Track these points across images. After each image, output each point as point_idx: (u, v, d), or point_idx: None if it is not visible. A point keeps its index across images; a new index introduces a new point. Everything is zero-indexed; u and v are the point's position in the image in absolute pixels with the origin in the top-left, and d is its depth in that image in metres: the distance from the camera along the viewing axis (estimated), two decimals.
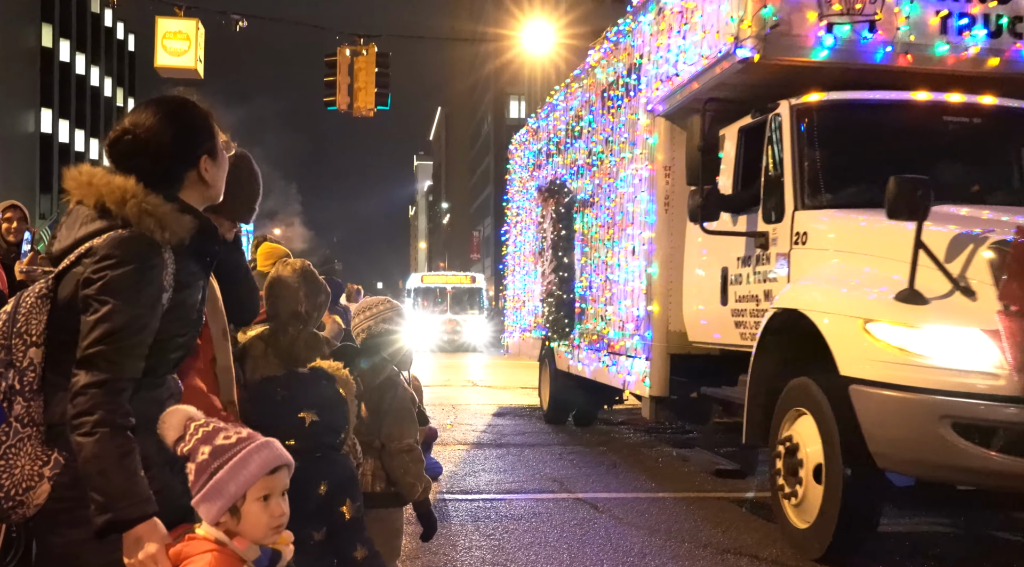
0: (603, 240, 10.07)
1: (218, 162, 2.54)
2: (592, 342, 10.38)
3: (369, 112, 19.22)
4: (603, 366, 9.90)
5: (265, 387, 3.20)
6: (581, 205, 11.00)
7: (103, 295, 2.23)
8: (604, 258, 10.01)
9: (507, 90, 72.34)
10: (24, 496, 2.24)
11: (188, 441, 2.22)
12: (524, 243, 14.37)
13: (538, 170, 13.66)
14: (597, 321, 10.20)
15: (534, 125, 14.36)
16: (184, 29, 18.18)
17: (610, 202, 9.81)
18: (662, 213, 8.38)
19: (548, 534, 6.47)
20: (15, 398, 2.28)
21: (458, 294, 37.12)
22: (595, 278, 10.43)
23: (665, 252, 8.34)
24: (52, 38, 65.52)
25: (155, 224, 2.31)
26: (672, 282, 8.27)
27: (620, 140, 9.52)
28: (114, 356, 2.21)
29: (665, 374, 8.30)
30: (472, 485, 8.25)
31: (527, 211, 14.21)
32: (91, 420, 2.16)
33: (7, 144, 58.56)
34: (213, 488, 2.17)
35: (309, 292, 3.61)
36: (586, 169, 10.90)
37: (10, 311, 2.35)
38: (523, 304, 14.33)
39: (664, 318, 8.32)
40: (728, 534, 6.50)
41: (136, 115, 2.45)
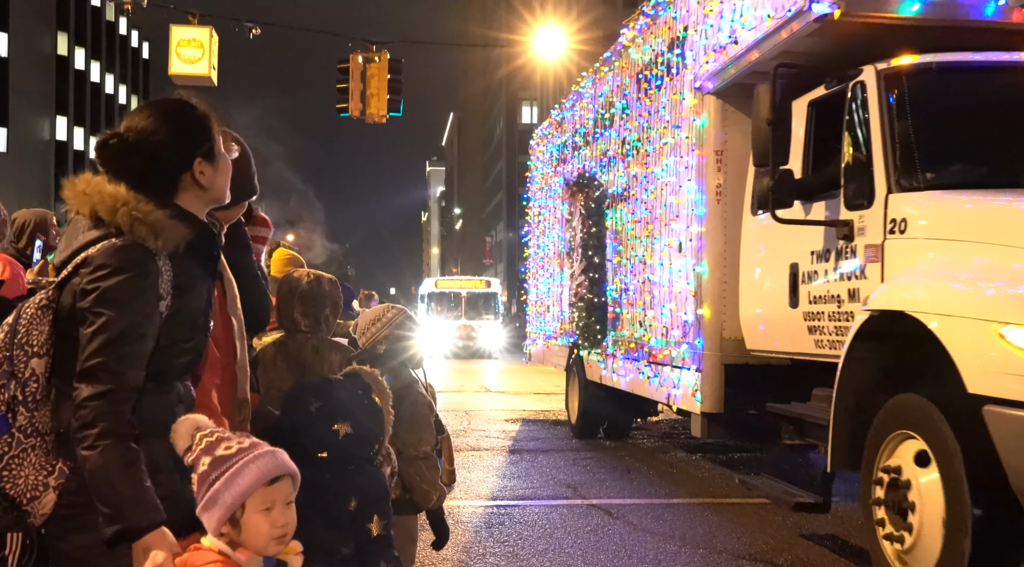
0: (641, 237, 9.01)
1: (217, 165, 2.47)
2: (629, 351, 9.34)
3: (382, 118, 18.96)
4: (643, 378, 8.83)
5: (300, 396, 3.06)
6: (613, 200, 9.98)
7: (98, 307, 2.23)
8: (642, 257, 8.94)
9: (519, 95, 71.90)
10: (30, 506, 2.24)
11: (194, 451, 2.22)
12: (548, 244, 13.43)
13: (563, 165, 12.65)
14: (635, 327, 9.13)
15: (558, 117, 13.30)
16: (198, 37, 18.14)
17: (648, 195, 8.74)
18: (713, 204, 7.28)
19: (562, 540, 6.44)
20: (18, 409, 2.26)
21: (473, 299, 35.88)
22: (631, 280, 9.38)
23: (717, 248, 7.25)
24: (67, 46, 65.38)
25: (148, 232, 2.28)
26: (726, 282, 7.18)
27: (660, 125, 8.46)
28: (114, 367, 2.20)
29: (719, 387, 7.17)
30: (485, 491, 8.22)
31: (551, 209, 13.25)
32: (94, 432, 2.16)
33: (23, 151, 58.33)
34: (210, 499, 2.17)
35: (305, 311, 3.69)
36: (619, 160, 9.88)
37: (11, 323, 2.33)
38: (547, 309, 13.43)
39: (717, 324, 7.22)
40: (743, 540, 6.44)
41: (130, 118, 2.42)
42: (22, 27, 57.85)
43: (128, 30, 75.76)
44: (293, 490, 2.27)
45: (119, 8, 21.37)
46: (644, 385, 8.84)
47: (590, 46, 36.17)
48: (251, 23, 18.66)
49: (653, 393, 8.61)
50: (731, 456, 10.04)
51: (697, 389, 7.32)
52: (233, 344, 2.95)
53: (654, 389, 8.54)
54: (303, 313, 3.72)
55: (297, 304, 3.71)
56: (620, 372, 9.62)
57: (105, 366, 2.20)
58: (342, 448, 3.00)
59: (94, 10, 67.78)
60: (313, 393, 3.05)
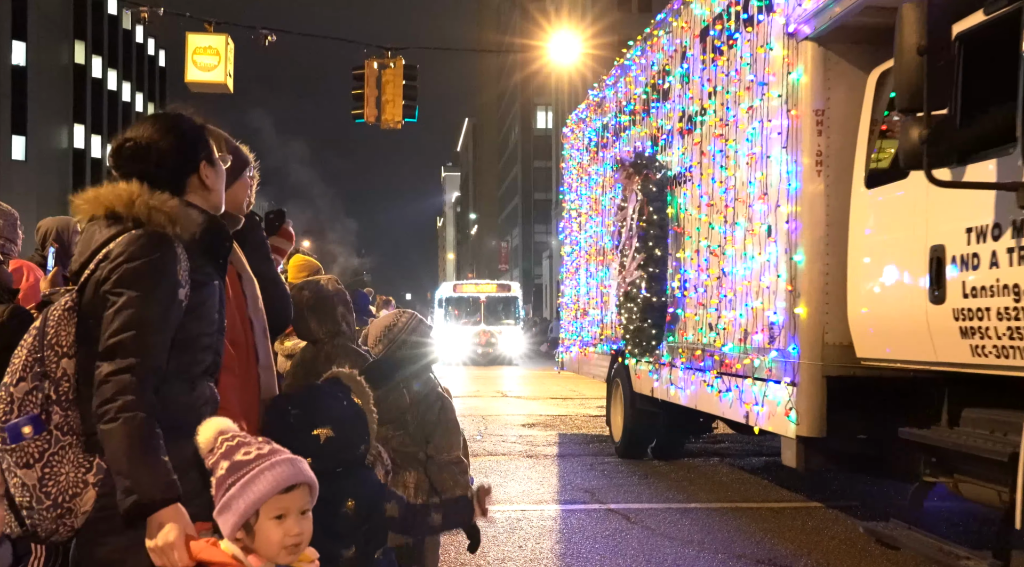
0: (713, 223, 7.56)
1: (217, 170, 2.59)
2: (692, 359, 7.91)
3: (397, 124, 18.81)
4: (711, 392, 7.40)
5: (278, 405, 2.99)
6: (673, 183, 8.64)
7: (120, 288, 2.28)
8: (713, 247, 7.50)
9: (534, 100, 71.75)
10: (71, 503, 2.26)
11: (214, 454, 2.21)
12: (588, 239, 11.91)
13: (604, 150, 11.26)
14: (702, 331, 7.72)
15: (596, 97, 11.87)
16: (214, 44, 17.93)
17: (724, 172, 7.28)
18: (811, 177, 5.91)
19: (581, 545, 6.38)
20: (52, 408, 2.30)
21: (492, 304, 34.09)
22: (697, 275, 7.91)
23: (817, 231, 5.89)
24: (85, 55, 65.73)
25: (165, 219, 2.35)
26: (829, 274, 5.83)
27: (739, 86, 7.03)
28: (134, 344, 2.23)
29: (820, 405, 5.77)
30: (503, 496, 8.05)
31: (590, 201, 11.81)
32: (115, 406, 2.19)
33: (41, 159, 58.67)
34: (225, 504, 2.16)
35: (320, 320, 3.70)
36: (678, 137, 8.50)
37: (39, 326, 2.37)
38: (584, 312, 11.99)
39: (817, 325, 5.84)
40: (762, 545, 6.36)
41: (134, 129, 2.52)
42: (40, 37, 58.22)
43: (144, 39, 75.95)
44: (311, 499, 2.25)
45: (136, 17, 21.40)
46: (712, 400, 7.43)
47: (605, 51, 36.08)
48: (266, 30, 18.53)
49: (725, 410, 7.19)
50: (750, 460, 9.88)
51: (791, 407, 5.91)
52: (254, 345, 2.95)
53: (726, 405, 7.12)
54: (318, 322, 3.71)
55: (310, 317, 3.71)
56: (680, 384, 8.22)
57: (126, 344, 2.24)
58: (326, 454, 2.95)
59: (111, 19, 68.07)
60: (291, 401, 3.02)
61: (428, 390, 3.78)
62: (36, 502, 2.26)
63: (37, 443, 2.28)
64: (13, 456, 2.27)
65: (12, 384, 2.32)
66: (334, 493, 2.88)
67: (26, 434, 2.27)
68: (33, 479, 2.26)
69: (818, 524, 6.97)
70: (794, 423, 5.90)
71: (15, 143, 56.65)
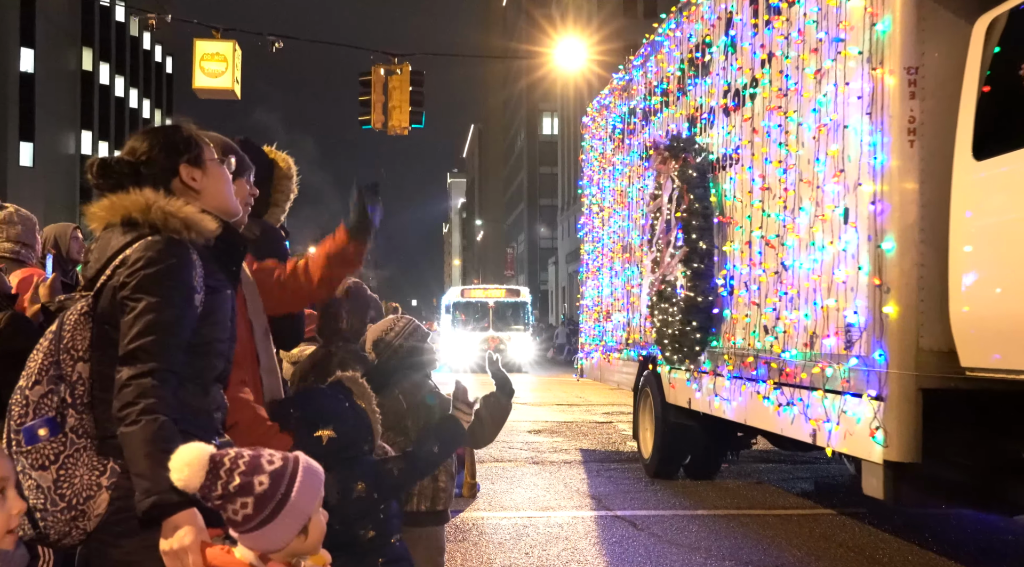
0: (765, 211, 6.61)
1: (207, 172, 2.56)
2: (742, 367, 6.92)
3: (404, 130, 18.77)
4: (767, 405, 6.42)
5: (279, 408, 3.00)
6: (716, 167, 7.67)
7: (138, 293, 2.30)
8: (769, 237, 6.52)
9: (540, 106, 71.75)
10: (85, 505, 2.27)
11: (230, 477, 2.10)
12: (612, 235, 10.94)
13: (631, 137, 10.27)
14: (755, 335, 6.73)
15: (622, 80, 10.83)
16: (221, 51, 17.95)
17: (781, 150, 6.34)
18: (902, 148, 4.96)
19: (587, 552, 6.36)
20: (67, 411, 2.32)
21: (501, 309, 33.05)
22: (747, 270, 6.92)
23: (910, 213, 4.95)
24: (92, 61, 65.76)
25: (181, 225, 2.38)
26: (924, 265, 4.91)
27: (801, 49, 6.09)
28: (154, 348, 2.25)
29: (915, 424, 4.84)
30: (509, 502, 8.09)
31: (615, 194, 10.88)
32: (136, 409, 2.20)
33: (49, 165, 58.75)
34: (289, 513, 2.10)
35: (353, 309, 3.71)
36: (722, 115, 7.51)
37: (55, 330, 2.39)
38: (608, 315, 11.01)
39: (910, 327, 4.91)
40: (770, 552, 6.31)
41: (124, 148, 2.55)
42: (48, 44, 58.35)
43: (152, 45, 76.02)
44: None
45: (143, 24, 21.47)
46: (767, 415, 6.45)
47: (611, 57, 36.09)
48: (274, 37, 18.58)
49: (784, 427, 6.20)
50: (757, 467, 9.78)
51: (877, 425, 4.94)
52: (254, 347, 2.95)
53: (786, 421, 6.14)
54: (350, 310, 3.73)
55: (343, 306, 3.73)
56: (724, 395, 7.25)
57: (146, 348, 2.25)
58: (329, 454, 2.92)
59: (118, 26, 68.15)
60: (292, 403, 3.04)
61: (425, 393, 3.79)
62: (51, 504, 2.27)
63: (52, 445, 2.29)
64: (28, 458, 2.29)
65: (28, 387, 2.33)
66: (343, 479, 2.94)
67: (42, 436, 2.29)
68: (48, 481, 2.28)
69: (826, 531, 6.94)
70: (881, 445, 4.90)
71: (23, 149, 56.74)
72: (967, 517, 7.28)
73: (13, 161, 54.82)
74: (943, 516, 7.34)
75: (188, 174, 2.54)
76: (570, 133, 61.07)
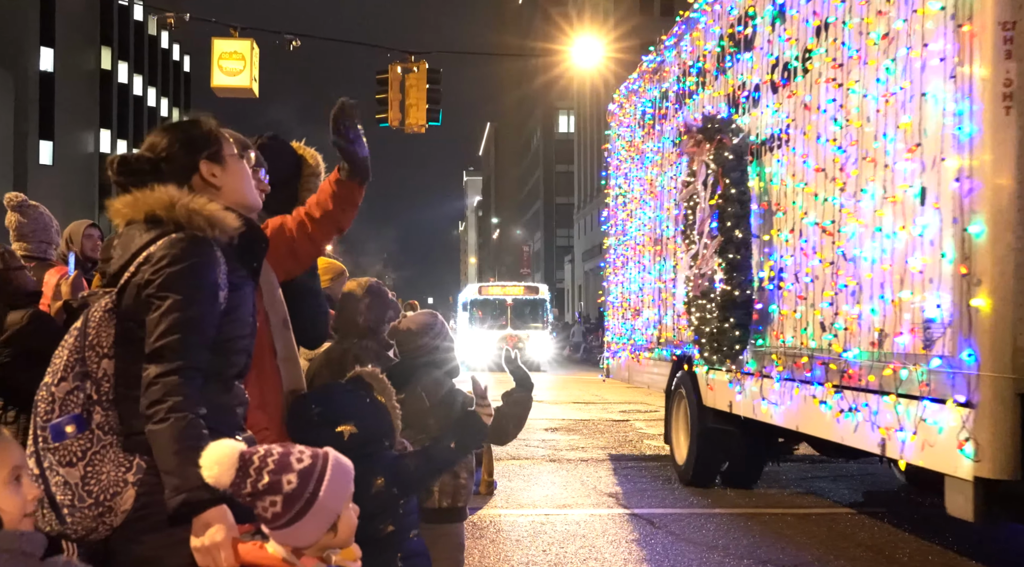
0: (817, 195, 6.06)
1: (227, 167, 2.57)
2: (794, 368, 6.29)
3: (420, 128, 18.77)
4: (825, 411, 5.81)
5: (300, 405, 3.01)
6: (760, 150, 7.09)
7: (164, 292, 2.31)
8: (824, 224, 5.94)
9: (556, 104, 71.66)
10: (112, 502, 2.28)
11: (259, 476, 2.13)
12: (641, 228, 10.37)
13: (663, 122, 9.64)
14: (807, 332, 6.14)
15: (652, 62, 10.22)
16: (239, 49, 18.08)
17: (837, 127, 5.79)
18: (997, 115, 4.38)
19: (604, 549, 6.36)
20: (94, 408, 2.34)
21: (519, 307, 32.27)
22: (797, 261, 6.32)
23: (1005, 192, 4.38)
24: (111, 60, 66.19)
25: (205, 222, 2.38)
26: (1023, 250, 4.36)
27: (865, 11, 5.51)
28: (180, 346, 2.27)
29: (1012, 435, 4.29)
30: (527, 500, 8.10)
31: (644, 184, 10.30)
32: (164, 407, 2.21)
33: (68, 164, 59.17)
34: (319, 511, 2.12)
35: (372, 305, 3.70)
36: (768, 93, 6.94)
37: (80, 327, 2.40)
38: (636, 312, 10.41)
39: (1006, 323, 4.36)
40: (787, 551, 6.29)
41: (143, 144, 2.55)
42: (67, 43, 58.75)
43: (170, 44, 76.38)
44: None
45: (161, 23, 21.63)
46: (824, 421, 5.85)
47: (627, 55, 36.01)
48: (291, 35, 18.71)
49: (846, 436, 5.62)
50: (774, 466, 9.87)
51: (966, 437, 4.37)
52: (270, 338, 2.94)
53: (847, 429, 5.56)
54: (368, 306, 3.72)
55: (364, 297, 3.74)
56: (772, 399, 6.66)
57: (173, 346, 2.27)
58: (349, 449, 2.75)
59: (137, 25, 68.52)
60: (313, 399, 3.03)
61: (445, 392, 3.80)
62: (78, 500, 2.29)
63: (80, 442, 2.31)
64: (56, 455, 2.31)
65: (54, 383, 2.35)
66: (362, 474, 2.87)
67: (69, 433, 2.30)
68: (76, 477, 2.29)
69: (844, 530, 6.91)
70: (971, 459, 4.36)
71: (43, 148, 57.17)
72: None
73: (33, 159, 55.24)
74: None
75: (208, 170, 2.54)
76: (586, 131, 60.99)
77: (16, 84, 51.49)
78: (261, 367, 2.88)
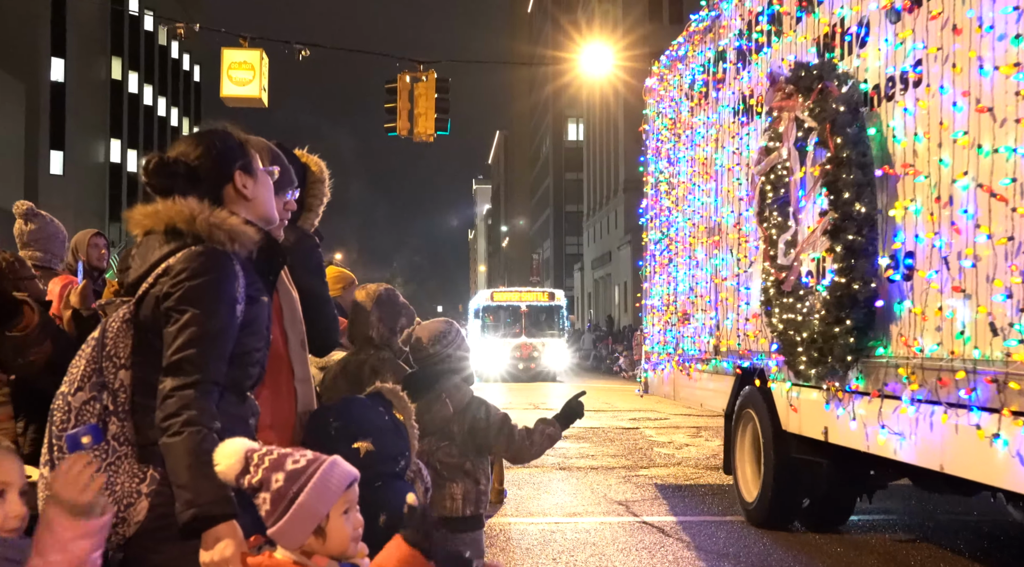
0: (983, 146, 4.41)
1: (257, 179, 2.59)
2: (940, 386, 4.66)
3: (429, 137, 18.83)
4: (999, 449, 4.16)
5: (318, 418, 2.98)
6: (871, 102, 5.58)
7: (182, 305, 2.32)
8: (999, 183, 4.29)
9: (565, 112, 71.71)
10: (126, 513, 2.29)
11: (255, 472, 2.17)
12: (692, 215, 8.83)
13: (721, 87, 8.12)
14: (966, 334, 4.51)
15: (703, 20, 8.65)
16: (249, 59, 18.16)
17: (1016, 45, 4.19)
18: None
19: (615, 558, 6.32)
20: (110, 419, 2.34)
21: (534, 313, 30.86)
22: (948, 240, 4.69)
23: None
24: (122, 71, 66.54)
25: (225, 236, 2.40)
26: None
27: None
28: (198, 360, 2.28)
29: None
30: (537, 508, 8.08)
31: (696, 163, 8.75)
32: (179, 421, 2.22)
33: (79, 174, 59.39)
34: (298, 513, 2.13)
35: (383, 316, 3.69)
36: (884, 24, 5.39)
37: (98, 337, 2.41)
38: (685, 317, 8.95)
39: None
40: (799, 559, 6.24)
41: (173, 146, 2.56)
42: (78, 53, 59.06)
43: (180, 54, 76.84)
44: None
45: (172, 33, 21.70)
46: (997, 463, 4.21)
47: (637, 63, 36.05)
48: (300, 45, 18.65)
49: None
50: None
51: None
52: (287, 358, 2.95)
53: None
54: (380, 318, 3.73)
55: (375, 309, 3.74)
56: (897, 426, 5.05)
57: (190, 360, 2.28)
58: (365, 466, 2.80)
59: (147, 35, 68.90)
60: (332, 414, 3.00)
61: (470, 397, 3.80)
62: None
63: (95, 453, 2.32)
64: None
65: (70, 393, 2.35)
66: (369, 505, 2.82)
67: (85, 444, 2.32)
68: None
69: (856, 539, 6.86)
70: None
71: (53, 158, 57.42)
72: (1000, 525, 7.20)
73: (44, 169, 55.49)
74: (976, 523, 7.26)
75: (241, 181, 2.56)
76: (596, 139, 60.98)
77: (28, 94, 51.77)
78: (277, 386, 2.89)
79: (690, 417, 15.61)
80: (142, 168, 2.53)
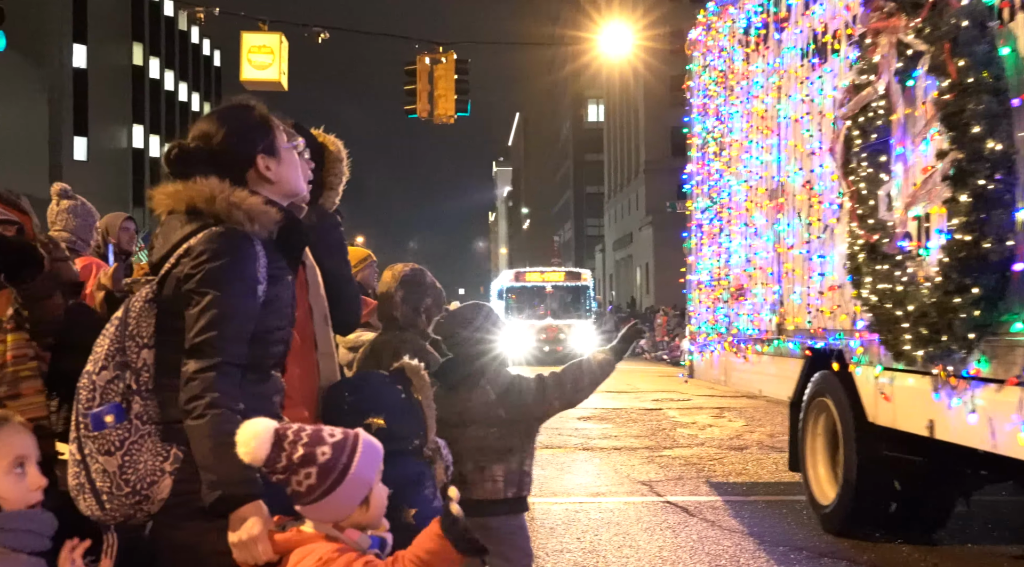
0: None
1: (281, 159, 2.57)
2: None
3: (449, 119, 18.79)
4: None
5: (334, 393, 3.00)
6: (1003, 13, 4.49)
7: (204, 287, 2.33)
8: None
9: (585, 94, 71.39)
10: (149, 490, 2.32)
11: (294, 449, 2.17)
12: (749, 177, 7.76)
13: (783, 28, 7.12)
14: None
15: None
16: (268, 43, 18.09)
17: None
18: None
19: (639, 537, 6.36)
20: (133, 398, 2.36)
21: (560, 294, 29.91)
22: None
23: None
24: (143, 56, 66.79)
25: (244, 217, 2.40)
26: None
27: None
28: (219, 342, 2.30)
29: None
30: (560, 488, 8.09)
31: (752, 118, 7.70)
32: (202, 403, 2.25)
33: (102, 159, 59.79)
34: (352, 481, 2.16)
35: (407, 296, 3.69)
36: None
37: (121, 317, 2.43)
38: (740, 292, 7.91)
39: None
40: (824, 538, 6.22)
41: (194, 126, 2.56)
42: (100, 40, 59.31)
43: (200, 39, 77.02)
44: None
45: (192, 18, 21.70)
46: None
47: (656, 43, 35.81)
48: (319, 28, 18.64)
49: None
50: None
51: None
52: (312, 332, 2.97)
53: None
54: (403, 298, 3.70)
55: (399, 289, 3.72)
56: None
57: (212, 341, 2.30)
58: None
59: (168, 21, 69.14)
60: (347, 389, 3.01)
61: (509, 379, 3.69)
62: (116, 488, 2.33)
63: (118, 431, 2.35)
64: (95, 443, 2.35)
65: (95, 372, 2.38)
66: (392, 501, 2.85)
67: (108, 422, 2.34)
68: (114, 466, 2.33)
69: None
70: None
71: (77, 144, 57.81)
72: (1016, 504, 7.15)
73: (68, 155, 55.88)
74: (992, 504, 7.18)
75: (264, 164, 2.55)
76: (615, 119, 60.71)
77: (51, 81, 52.11)
78: (305, 363, 2.91)
79: (713, 397, 15.59)
80: (163, 156, 2.55)
